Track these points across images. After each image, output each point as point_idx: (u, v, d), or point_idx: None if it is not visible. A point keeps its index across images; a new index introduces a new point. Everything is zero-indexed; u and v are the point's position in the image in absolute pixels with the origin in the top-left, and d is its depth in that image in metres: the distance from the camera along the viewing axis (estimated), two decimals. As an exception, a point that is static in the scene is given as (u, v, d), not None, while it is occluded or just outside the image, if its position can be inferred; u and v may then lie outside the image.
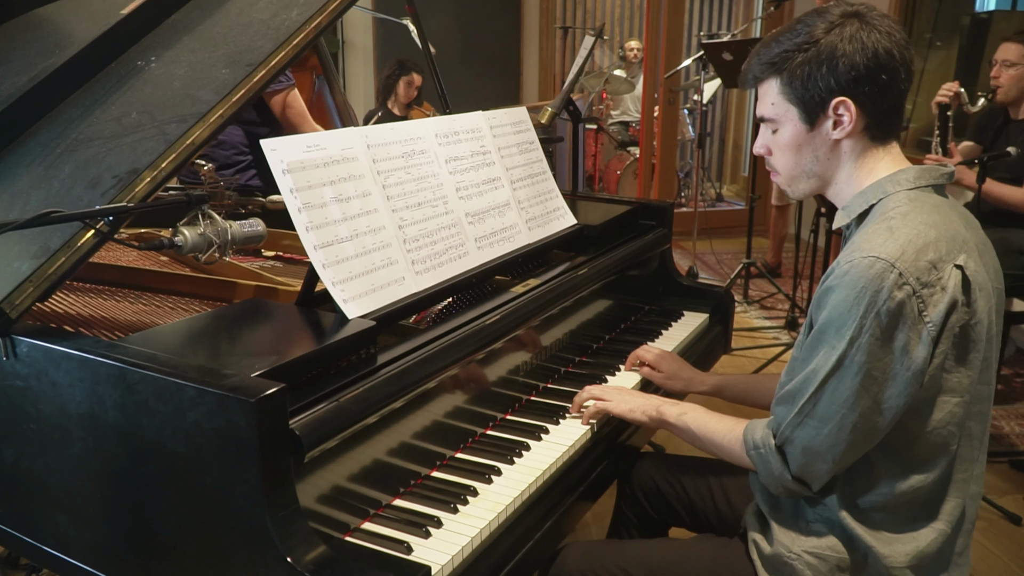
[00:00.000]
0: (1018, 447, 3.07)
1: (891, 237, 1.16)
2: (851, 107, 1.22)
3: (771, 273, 4.99)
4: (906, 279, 1.13)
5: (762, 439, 1.29)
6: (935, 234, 1.17)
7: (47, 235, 1.31)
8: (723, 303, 2.27)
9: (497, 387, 1.62)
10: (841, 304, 1.16)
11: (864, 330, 1.14)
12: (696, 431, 1.44)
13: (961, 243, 1.20)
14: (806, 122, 1.27)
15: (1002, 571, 2.37)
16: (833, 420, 1.19)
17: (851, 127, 1.24)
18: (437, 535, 1.25)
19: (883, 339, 1.15)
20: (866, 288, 1.14)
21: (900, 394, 1.17)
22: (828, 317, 1.18)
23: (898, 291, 1.13)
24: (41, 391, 1.25)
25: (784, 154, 1.31)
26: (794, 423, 1.23)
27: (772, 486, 1.31)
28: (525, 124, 2.02)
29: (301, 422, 1.13)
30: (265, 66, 1.49)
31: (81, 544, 1.29)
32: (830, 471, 1.24)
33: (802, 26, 1.25)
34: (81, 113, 1.56)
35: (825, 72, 1.22)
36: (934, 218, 1.20)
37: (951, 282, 1.16)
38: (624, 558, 1.44)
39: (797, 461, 1.25)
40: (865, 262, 1.15)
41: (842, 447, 1.20)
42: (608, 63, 7.69)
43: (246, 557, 1.09)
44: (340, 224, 1.43)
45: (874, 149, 1.27)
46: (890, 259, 1.14)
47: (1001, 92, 3.29)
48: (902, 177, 1.25)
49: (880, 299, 1.13)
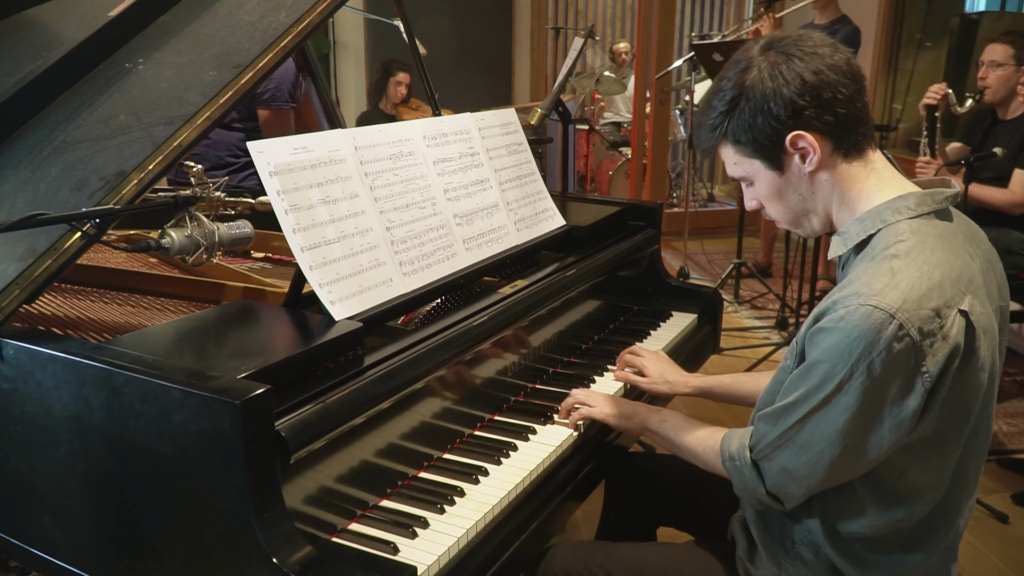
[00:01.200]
0: (1006, 446, 3.09)
1: (892, 281, 1.11)
2: (807, 136, 1.18)
3: (762, 273, 5.01)
4: (907, 331, 1.08)
5: (738, 451, 1.27)
6: (939, 276, 1.12)
7: (34, 237, 1.31)
8: (712, 303, 2.28)
9: (485, 388, 1.62)
10: (833, 349, 1.12)
11: (855, 376, 1.11)
12: (674, 439, 1.44)
13: (967, 282, 1.15)
14: (774, 168, 1.24)
15: (990, 569, 2.38)
16: (813, 450, 1.17)
17: (818, 155, 1.19)
18: (424, 535, 1.26)
19: (874, 387, 1.11)
20: (861, 338, 1.09)
21: (884, 438, 1.14)
22: (819, 358, 1.14)
23: (897, 343, 1.08)
24: (27, 393, 1.25)
25: (772, 204, 1.29)
26: (775, 444, 1.21)
27: (745, 498, 1.30)
28: (514, 125, 2.03)
29: (287, 423, 1.13)
30: (253, 68, 1.49)
31: (68, 546, 1.29)
32: (804, 495, 1.22)
33: (725, 82, 1.23)
34: (68, 115, 1.56)
35: (763, 117, 1.19)
36: (938, 255, 1.14)
37: (954, 329, 1.11)
38: (611, 561, 1.44)
39: (773, 479, 1.23)
40: (863, 311, 1.09)
41: (819, 477, 1.18)
42: (599, 64, 7.70)
43: (232, 558, 1.10)
44: (327, 226, 1.43)
45: (853, 166, 1.22)
46: (890, 309, 1.08)
47: (989, 93, 3.31)
48: (902, 204, 1.20)
49: (875, 350, 1.09)
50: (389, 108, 5.13)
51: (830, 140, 1.20)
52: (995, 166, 3.21)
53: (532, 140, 2.12)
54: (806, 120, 1.18)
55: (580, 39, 2.76)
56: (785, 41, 1.20)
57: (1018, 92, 3.28)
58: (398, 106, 5.19)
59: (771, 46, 1.20)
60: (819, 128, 1.18)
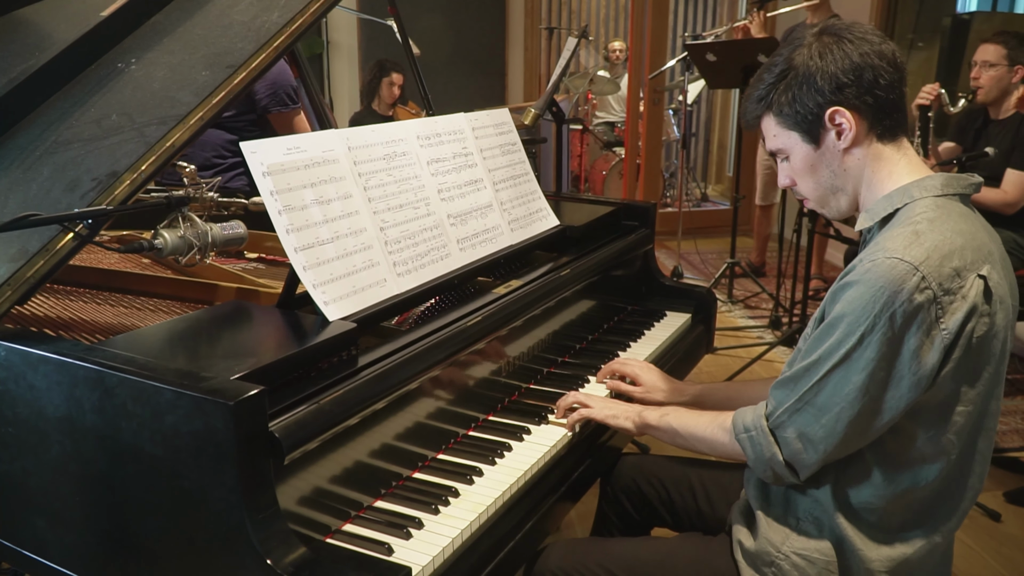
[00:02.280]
0: (999, 444, 3.10)
1: (917, 241, 1.16)
2: (846, 113, 1.24)
3: (755, 273, 5.02)
4: (928, 283, 1.13)
5: (753, 422, 1.29)
6: (961, 242, 1.17)
7: (25, 238, 1.30)
8: (705, 303, 2.29)
9: (479, 388, 1.62)
10: (858, 300, 1.16)
11: (877, 328, 1.14)
12: (679, 429, 1.45)
13: (986, 254, 1.20)
14: (810, 142, 1.29)
15: (982, 568, 2.39)
16: (831, 411, 1.20)
17: (853, 132, 1.25)
18: (418, 536, 1.25)
19: (895, 340, 1.15)
20: (885, 287, 1.14)
21: (902, 397, 1.17)
22: (842, 311, 1.18)
23: (919, 295, 1.13)
24: (19, 394, 1.24)
25: (804, 179, 1.33)
26: (793, 408, 1.23)
27: (760, 470, 1.31)
28: (507, 126, 2.03)
29: (281, 424, 1.13)
30: (245, 68, 1.49)
31: (60, 547, 1.28)
32: (820, 461, 1.24)
33: (778, 57, 1.30)
34: (60, 115, 1.55)
35: (808, 90, 1.25)
36: (961, 226, 1.20)
37: (972, 291, 1.16)
38: (606, 557, 1.45)
39: (790, 446, 1.25)
40: (888, 263, 1.15)
41: (836, 439, 1.21)
42: (594, 64, 7.70)
43: (225, 560, 1.09)
44: (321, 226, 1.43)
45: (886, 148, 1.28)
46: (914, 262, 1.14)
47: (981, 93, 3.32)
48: (930, 183, 1.25)
49: (898, 300, 1.13)
50: (383, 109, 5.12)
51: (866, 120, 1.25)
52: (987, 166, 3.22)
53: (526, 140, 2.12)
54: (846, 97, 1.24)
55: (574, 39, 2.76)
56: (839, 26, 1.27)
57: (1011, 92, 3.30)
58: (395, 107, 5.18)
59: (825, 30, 1.27)
60: (858, 107, 1.24)
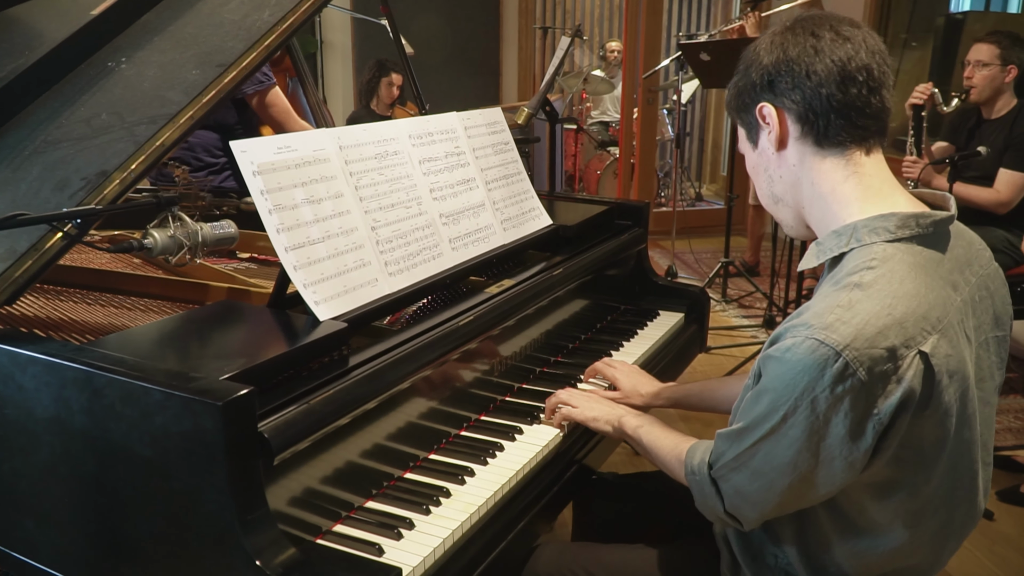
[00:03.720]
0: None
1: (846, 315, 1.02)
2: (770, 110, 1.15)
3: (749, 272, 5.02)
4: (853, 369, 1.01)
5: (698, 467, 1.23)
6: (902, 312, 1.03)
7: (14, 238, 1.30)
8: (699, 302, 2.28)
9: (471, 388, 1.62)
10: (779, 379, 1.06)
11: (799, 410, 1.04)
12: (647, 446, 1.41)
13: (934, 322, 1.05)
14: (751, 140, 1.22)
15: (975, 566, 2.40)
16: (766, 478, 1.12)
17: (777, 129, 1.15)
18: (409, 537, 1.25)
19: (820, 423, 1.04)
20: (804, 372, 1.02)
21: (836, 478, 1.08)
22: (766, 386, 1.09)
23: (839, 384, 1.01)
24: (7, 396, 1.23)
25: (755, 181, 1.25)
26: (731, 466, 1.16)
27: (706, 512, 1.26)
28: (500, 125, 2.02)
29: (270, 425, 1.12)
30: (236, 67, 1.48)
31: (50, 549, 1.28)
32: (759, 519, 1.19)
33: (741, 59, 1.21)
34: (50, 115, 1.54)
35: (745, 83, 1.18)
36: (907, 287, 1.05)
37: (910, 372, 1.03)
38: (595, 563, 1.43)
39: (729, 499, 1.19)
40: (808, 344, 1.02)
41: (771, 504, 1.14)
42: (588, 63, 7.70)
43: (215, 561, 1.09)
44: (312, 226, 1.42)
45: (825, 159, 1.15)
46: (836, 347, 1.01)
47: (975, 92, 3.33)
48: (881, 225, 1.11)
49: (819, 387, 1.02)
50: (381, 109, 5.10)
51: (797, 121, 1.14)
52: (980, 165, 3.23)
53: (519, 139, 2.12)
54: (776, 94, 1.14)
55: (567, 38, 2.76)
56: (806, 22, 1.14)
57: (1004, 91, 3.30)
58: (393, 108, 5.16)
59: (791, 25, 1.15)
60: (785, 105, 1.14)
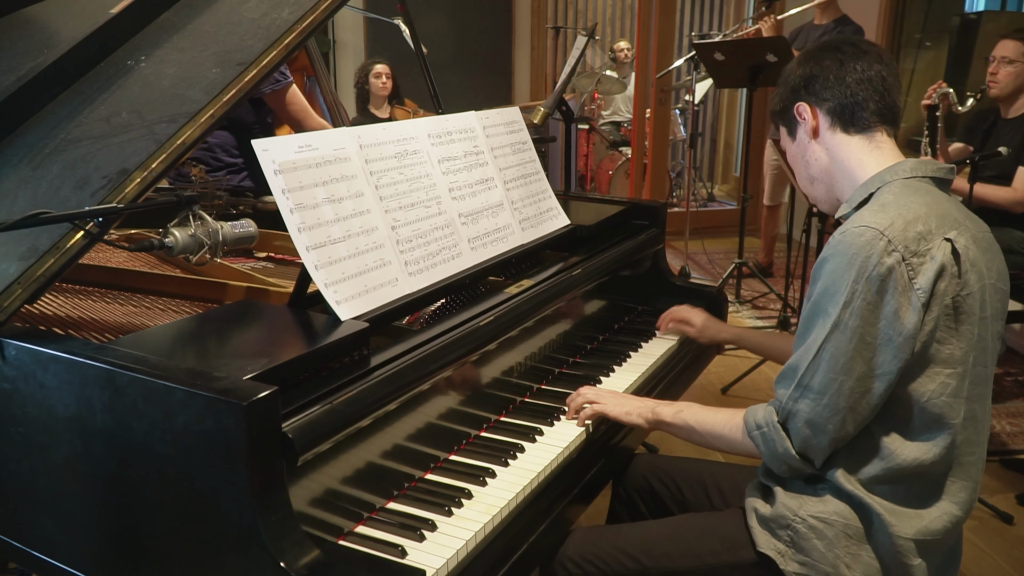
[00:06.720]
0: (1008, 446, 3.08)
1: (881, 210, 1.25)
2: (805, 107, 1.41)
3: (763, 273, 4.99)
4: (895, 246, 1.20)
5: (764, 418, 1.33)
6: (925, 210, 1.25)
7: (35, 236, 1.29)
8: (716, 303, 2.27)
9: (491, 388, 1.61)
10: (834, 272, 1.24)
11: (856, 295, 1.21)
12: (695, 426, 1.46)
13: (952, 222, 1.26)
14: (790, 135, 1.46)
15: (993, 570, 2.37)
16: (831, 388, 1.24)
17: (812, 121, 1.40)
18: (431, 538, 1.24)
19: (874, 304, 1.21)
20: (856, 255, 1.21)
21: (893, 359, 1.22)
22: (823, 286, 1.26)
23: (887, 257, 1.20)
24: (29, 394, 1.23)
25: (795, 170, 1.49)
26: (794, 396, 1.28)
27: (776, 465, 1.33)
28: (518, 124, 2.01)
29: (294, 425, 1.12)
30: (256, 66, 1.47)
31: (69, 548, 1.27)
32: (831, 443, 1.27)
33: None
34: (69, 113, 1.54)
35: (784, 91, 1.44)
36: (926, 199, 1.28)
37: (939, 252, 1.22)
38: (621, 539, 1.48)
39: (800, 435, 1.28)
40: (855, 231, 1.23)
41: (841, 415, 1.24)
42: (599, 63, 7.68)
43: (236, 562, 1.08)
44: (333, 225, 1.41)
45: (852, 138, 1.38)
46: (879, 227, 1.21)
47: (997, 88, 3.29)
48: (900, 168, 1.34)
49: (870, 264, 1.20)
50: (377, 107, 5.08)
51: (828, 112, 1.39)
52: (998, 165, 3.20)
53: (535, 139, 2.11)
54: (808, 94, 1.40)
55: (583, 38, 2.75)
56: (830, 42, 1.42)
57: None
58: (392, 106, 5.14)
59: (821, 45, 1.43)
60: (816, 102, 1.40)
